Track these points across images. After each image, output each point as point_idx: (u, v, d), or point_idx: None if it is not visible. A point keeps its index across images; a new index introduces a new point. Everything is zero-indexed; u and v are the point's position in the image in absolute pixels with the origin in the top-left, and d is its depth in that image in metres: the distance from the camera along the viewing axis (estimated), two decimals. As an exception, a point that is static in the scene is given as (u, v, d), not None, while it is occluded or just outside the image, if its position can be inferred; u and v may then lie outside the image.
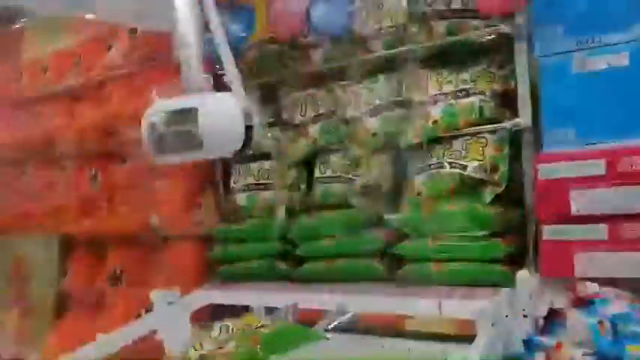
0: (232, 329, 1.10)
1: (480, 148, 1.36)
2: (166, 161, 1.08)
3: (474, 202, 1.31)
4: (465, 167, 1.35)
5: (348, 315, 1.42)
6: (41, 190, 2.25)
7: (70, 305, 1.97)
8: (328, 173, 1.59)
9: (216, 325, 1.12)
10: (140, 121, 1.84)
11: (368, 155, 1.51)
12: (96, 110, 2.05)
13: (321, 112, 1.61)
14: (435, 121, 1.39)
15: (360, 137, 1.50)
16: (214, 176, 1.82)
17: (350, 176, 1.54)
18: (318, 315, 1.35)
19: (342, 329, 1.32)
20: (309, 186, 1.66)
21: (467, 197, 1.34)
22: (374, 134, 1.48)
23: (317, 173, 1.62)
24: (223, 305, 1.55)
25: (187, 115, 0.96)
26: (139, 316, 1.48)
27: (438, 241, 1.33)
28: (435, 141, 1.43)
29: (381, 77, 1.50)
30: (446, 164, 1.37)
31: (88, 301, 1.88)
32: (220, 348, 1.02)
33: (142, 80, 1.88)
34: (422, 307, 1.28)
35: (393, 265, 1.44)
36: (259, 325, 1.09)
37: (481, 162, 1.34)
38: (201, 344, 1.05)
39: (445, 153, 1.40)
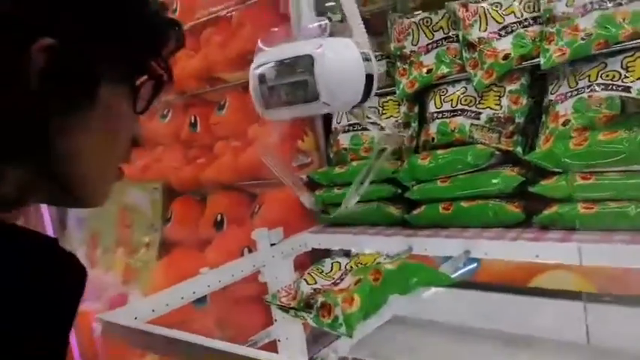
0: (346, 266, 0.97)
1: (649, 65, 1.09)
2: (278, 116, 0.98)
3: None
4: (627, 89, 1.10)
5: (472, 266, 1.24)
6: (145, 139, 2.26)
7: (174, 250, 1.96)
8: (446, 107, 1.39)
9: (327, 262, 1.00)
10: (239, 65, 1.81)
11: (497, 83, 1.29)
12: (193, 57, 2.01)
13: (437, 38, 1.41)
14: (586, 36, 1.14)
15: (486, 62, 1.28)
16: (314, 117, 1.70)
17: (474, 108, 1.33)
18: (430, 263, 1.19)
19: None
20: (422, 123, 1.48)
21: (628, 127, 1.09)
22: (505, 57, 1.25)
23: (432, 108, 1.42)
24: (329, 251, 1.43)
25: (301, 63, 0.84)
26: (241, 255, 1.41)
27: (591, 178, 1.09)
28: (582, 61, 1.18)
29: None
30: (600, 87, 1.13)
31: (191, 245, 1.86)
32: (335, 284, 0.90)
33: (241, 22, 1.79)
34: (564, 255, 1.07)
35: (527, 208, 1.23)
36: (378, 262, 0.95)
37: (651, 81, 1.08)
38: (314, 278, 0.93)
39: (598, 74, 1.15)
